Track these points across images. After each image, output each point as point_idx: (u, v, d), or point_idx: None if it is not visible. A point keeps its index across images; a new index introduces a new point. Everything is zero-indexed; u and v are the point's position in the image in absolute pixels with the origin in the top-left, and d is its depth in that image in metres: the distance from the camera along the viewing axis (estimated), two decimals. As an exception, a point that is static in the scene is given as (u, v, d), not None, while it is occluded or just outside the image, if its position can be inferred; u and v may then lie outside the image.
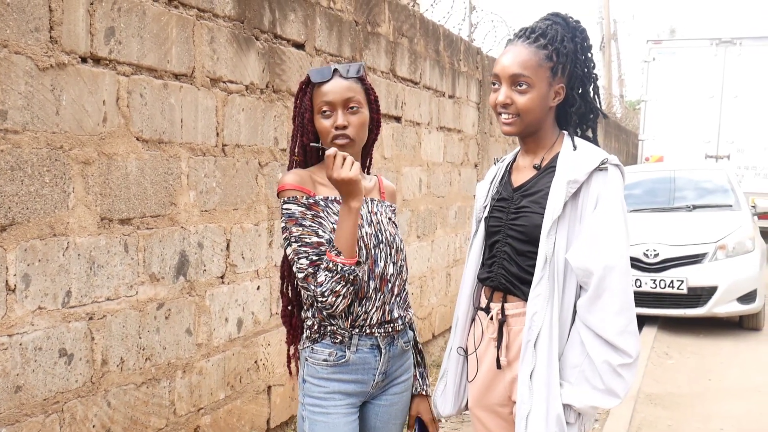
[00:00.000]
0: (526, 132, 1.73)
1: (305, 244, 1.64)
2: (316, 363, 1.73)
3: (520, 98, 1.67)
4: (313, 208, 1.68)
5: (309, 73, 1.76)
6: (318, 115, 1.73)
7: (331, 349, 1.71)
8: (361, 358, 1.73)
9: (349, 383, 1.73)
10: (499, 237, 1.76)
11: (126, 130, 2.31)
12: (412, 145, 4.63)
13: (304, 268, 1.63)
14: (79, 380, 2.15)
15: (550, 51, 1.67)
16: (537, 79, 1.66)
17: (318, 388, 1.72)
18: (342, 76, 1.74)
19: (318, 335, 1.73)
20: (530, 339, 1.61)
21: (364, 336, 1.72)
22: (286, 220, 1.67)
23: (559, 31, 1.69)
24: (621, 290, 1.58)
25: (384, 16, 4.18)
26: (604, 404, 1.58)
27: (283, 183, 1.70)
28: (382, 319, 1.74)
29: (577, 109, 1.74)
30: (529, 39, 1.69)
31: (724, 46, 10.75)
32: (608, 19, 24.65)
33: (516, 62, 1.67)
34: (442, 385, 1.89)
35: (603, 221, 1.60)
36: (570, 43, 1.69)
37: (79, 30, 2.13)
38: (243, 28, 2.88)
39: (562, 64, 1.68)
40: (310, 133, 1.75)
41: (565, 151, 1.70)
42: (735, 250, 6.30)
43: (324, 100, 1.71)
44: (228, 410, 2.84)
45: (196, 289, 2.64)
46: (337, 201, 1.72)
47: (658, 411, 4.30)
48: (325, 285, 1.61)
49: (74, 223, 2.12)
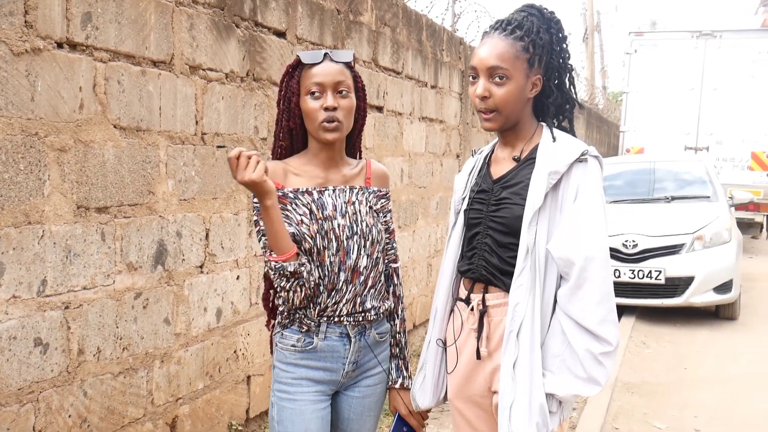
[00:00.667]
0: (506, 125, 1.74)
1: None
2: (285, 348, 1.73)
3: (498, 90, 1.68)
4: (281, 201, 1.66)
5: (299, 54, 1.73)
6: (306, 96, 1.70)
7: (299, 335, 1.72)
8: (330, 345, 1.72)
9: (317, 370, 1.73)
10: (480, 229, 1.76)
11: (103, 118, 2.28)
12: (394, 135, 4.62)
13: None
14: (55, 370, 2.13)
15: (526, 42, 1.67)
16: (514, 70, 1.67)
17: (286, 374, 1.72)
18: (333, 60, 1.73)
19: (288, 321, 1.73)
20: (513, 329, 1.62)
21: (333, 324, 1.72)
22: (256, 213, 1.68)
23: (534, 22, 1.69)
24: (601, 280, 1.59)
25: (366, 4, 4.15)
26: (586, 392, 1.60)
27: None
28: (353, 310, 1.73)
29: (554, 100, 1.75)
30: (506, 31, 1.69)
31: (705, 38, 10.83)
32: (592, 11, 24.75)
33: (493, 54, 1.68)
34: (420, 377, 1.89)
35: (583, 212, 1.62)
36: (546, 34, 1.70)
37: (55, 15, 2.09)
38: (223, 15, 2.84)
39: (538, 56, 1.69)
40: (297, 116, 1.73)
41: (545, 143, 1.71)
42: (712, 240, 6.39)
43: (314, 81, 1.69)
44: (206, 400, 2.83)
45: (174, 278, 2.63)
46: (308, 192, 1.72)
47: (635, 399, 4.36)
48: (275, 282, 1.64)
49: (50, 211, 2.09)
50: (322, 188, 1.74)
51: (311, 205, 1.70)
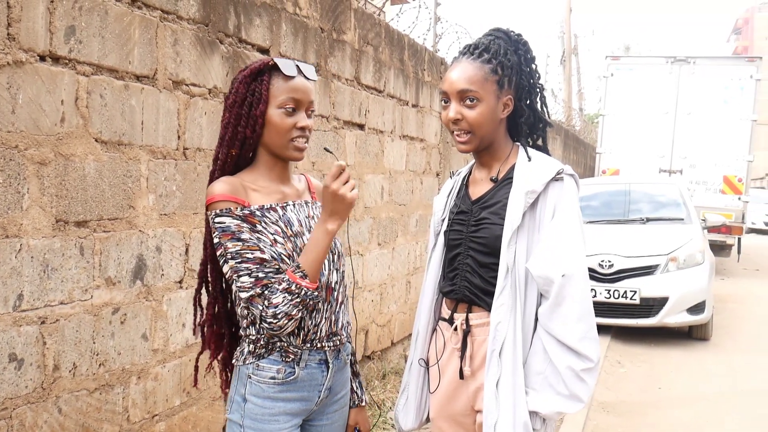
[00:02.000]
0: (481, 146, 1.77)
1: (245, 260, 1.51)
2: (262, 381, 1.59)
3: (470, 113, 1.70)
4: (249, 220, 1.54)
5: (277, 61, 1.60)
6: (278, 110, 1.58)
7: (279, 366, 1.59)
8: (310, 374, 1.63)
9: (294, 402, 1.62)
10: (461, 250, 1.78)
11: (84, 131, 2.27)
12: (375, 152, 4.65)
13: (247, 287, 1.51)
14: (30, 386, 2.10)
15: (494, 65, 1.71)
16: (484, 92, 1.70)
17: (262, 410, 1.58)
18: (305, 76, 1.64)
19: (264, 350, 1.60)
20: (495, 348, 1.64)
21: (314, 351, 1.63)
22: (219, 234, 1.53)
23: (501, 45, 1.73)
24: (581, 297, 1.62)
25: (350, 23, 4.20)
26: (569, 409, 1.62)
27: (213, 194, 1.55)
28: (329, 331, 1.66)
29: (527, 119, 1.78)
30: (473, 54, 1.73)
31: (679, 64, 11.09)
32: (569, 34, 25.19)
33: (462, 78, 1.71)
34: (403, 398, 1.89)
35: (561, 230, 1.65)
36: (513, 55, 1.74)
37: (38, 28, 2.08)
38: (207, 32, 2.86)
39: (507, 77, 1.72)
40: (259, 126, 1.58)
41: (521, 163, 1.74)
42: (686, 262, 6.50)
43: (292, 97, 1.59)
44: (183, 417, 2.80)
45: (153, 293, 2.60)
46: (273, 209, 1.60)
47: (611, 419, 4.40)
48: (281, 307, 1.50)
49: (28, 225, 2.07)
50: (284, 204, 1.64)
51: (279, 223, 1.59)
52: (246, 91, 1.60)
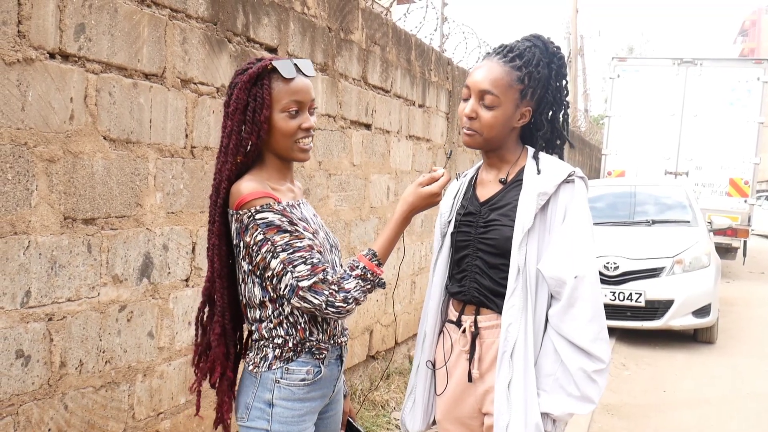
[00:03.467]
0: (486, 147, 1.77)
1: (297, 249, 1.50)
2: (293, 384, 1.58)
3: (485, 114, 1.70)
4: (285, 215, 1.54)
5: (275, 64, 1.57)
6: (282, 114, 1.57)
7: (309, 366, 1.60)
8: (330, 370, 1.66)
9: (317, 400, 1.64)
10: (469, 251, 1.78)
11: (93, 129, 2.27)
12: (382, 152, 4.65)
13: (306, 274, 1.49)
14: (36, 382, 2.10)
15: (523, 73, 1.69)
16: (505, 98, 1.69)
17: (291, 412, 1.58)
18: (304, 74, 1.62)
19: (293, 353, 1.59)
20: (506, 350, 1.63)
21: (334, 347, 1.67)
22: (264, 230, 1.51)
23: (536, 54, 1.71)
24: (592, 298, 1.62)
25: (357, 23, 4.20)
26: (580, 410, 1.62)
27: (248, 192, 1.53)
28: (342, 325, 1.70)
29: (544, 134, 1.77)
30: (506, 57, 1.71)
31: (686, 66, 11.05)
32: (575, 35, 25.14)
33: (487, 78, 1.70)
34: (410, 401, 1.89)
35: (573, 232, 1.64)
36: (545, 68, 1.72)
37: (48, 25, 2.09)
38: (216, 30, 2.86)
39: (532, 88, 1.70)
40: (264, 131, 1.57)
41: (531, 165, 1.74)
42: (691, 265, 6.48)
43: (294, 99, 1.57)
44: (188, 415, 2.80)
45: (159, 291, 2.61)
46: (294, 206, 1.61)
47: (615, 421, 4.39)
48: (353, 292, 1.51)
49: (36, 222, 2.07)
50: (298, 202, 1.65)
51: (303, 220, 1.61)
52: (247, 96, 1.56)
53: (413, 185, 1.69)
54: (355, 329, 4.34)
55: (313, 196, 3.75)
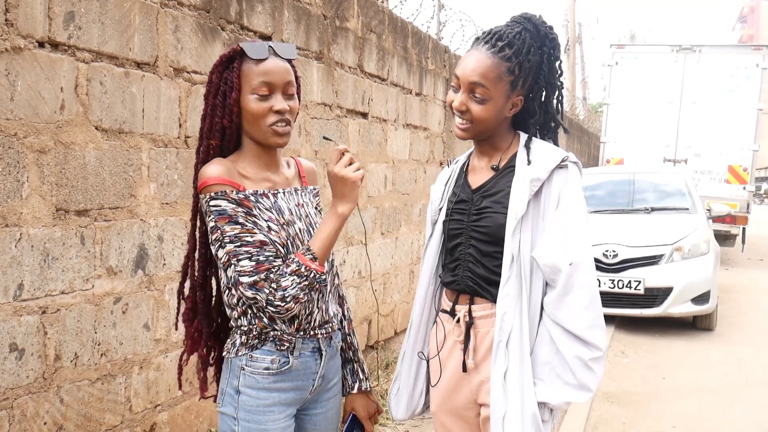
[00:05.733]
0: (478, 138, 1.73)
1: (245, 243, 1.47)
2: (256, 372, 1.56)
3: (476, 107, 1.65)
4: (245, 204, 1.50)
5: (243, 46, 1.55)
6: (251, 96, 1.53)
7: (273, 356, 1.56)
8: (303, 362, 1.61)
9: (289, 392, 1.59)
10: (462, 239, 1.74)
11: (84, 119, 2.24)
12: (378, 141, 4.61)
13: (248, 271, 1.47)
14: (31, 376, 2.08)
15: (513, 64, 1.63)
16: (495, 92, 1.64)
17: (256, 401, 1.55)
18: (279, 56, 1.57)
19: (257, 341, 1.56)
20: (501, 339, 1.61)
21: (307, 339, 1.61)
22: (215, 218, 1.49)
23: (527, 40, 1.65)
24: (588, 285, 1.59)
25: (353, 11, 4.15)
26: (578, 399, 1.60)
27: (208, 176, 1.50)
28: (322, 319, 1.64)
29: (537, 120, 1.72)
30: (495, 47, 1.64)
31: (684, 52, 10.98)
32: (573, 22, 25.03)
33: (477, 71, 1.64)
34: (395, 387, 1.87)
35: (567, 218, 1.62)
36: (536, 55, 1.66)
37: (37, 13, 2.05)
38: (209, 18, 2.82)
39: (523, 78, 1.65)
40: (235, 114, 1.55)
41: (523, 152, 1.70)
42: (690, 252, 6.46)
43: (263, 81, 1.53)
44: (186, 407, 2.79)
45: (155, 283, 2.58)
46: (265, 195, 1.57)
47: (614, 409, 4.38)
48: (290, 290, 1.48)
49: (28, 214, 2.05)
50: (275, 191, 1.60)
51: (272, 210, 1.56)
52: (219, 80, 1.56)
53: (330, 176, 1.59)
54: (353, 319, 4.32)
55: (310, 185, 3.73)
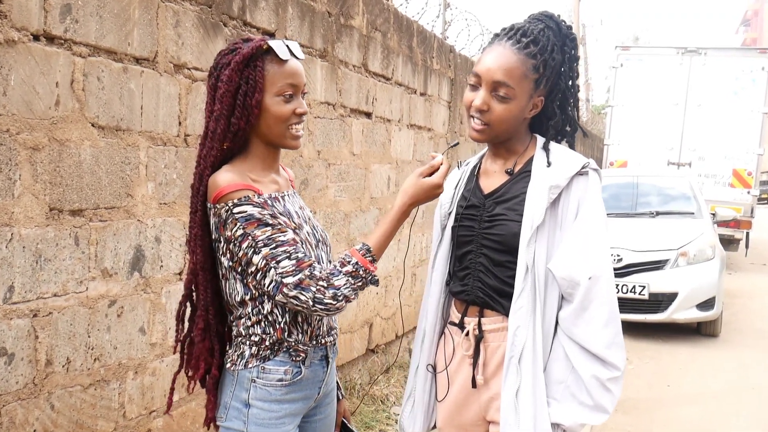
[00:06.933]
0: (495, 140, 1.65)
1: (281, 243, 1.41)
2: (269, 384, 1.51)
3: (498, 108, 1.56)
4: (266, 208, 1.45)
5: (271, 44, 1.47)
6: (277, 98, 1.48)
7: (287, 366, 1.52)
8: (313, 371, 1.57)
9: (298, 402, 1.56)
10: (472, 247, 1.66)
11: (80, 115, 2.16)
12: (382, 142, 4.54)
13: (291, 270, 1.40)
14: (20, 381, 2.01)
15: (538, 61, 1.55)
16: (520, 90, 1.55)
17: (268, 414, 1.50)
18: (295, 56, 1.52)
19: (270, 352, 1.51)
20: (513, 355, 1.52)
21: (317, 347, 1.57)
22: (243, 225, 1.42)
23: (551, 38, 1.57)
24: (608, 301, 1.51)
25: (358, 8, 4.07)
26: (593, 421, 1.51)
27: (226, 183, 1.44)
28: (329, 325, 1.60)
29: (555, 123, 1.65)
30: (519, 43, 1.56)
31: (690, 55, 10.90)
32: (578, 24, 24.92)
33: (502, 68, 1.55)
34: (410, 404, 1.78)
35: (587, 229, 1.53)
36: (559, 53, 1.58)
37: (32, 5, 1.97)
38: (211, 13, 2.74)
39: (547, 77, 1.57)
40: (254, 116, 1.48)
41: (540, 156, 1.62)
42: (696, 257, 6.39)
43: (289, 82, 1.48)
44: (182, 413, 2.71)
45: (151, 285, 2.51)
46: (276, 199, 1.51)
47: (619, 416, 4.31)
48: (342, 290, 1.43)
49: (20, 213, 1.97)
50: (282, 194, 1.56)
51: (284, 214, 1.51)
52: (239, 78, 1.47)
53: (413, 176, 1.59)
54: (354, 322, 4.25)
55: (312, 186, 3.65)
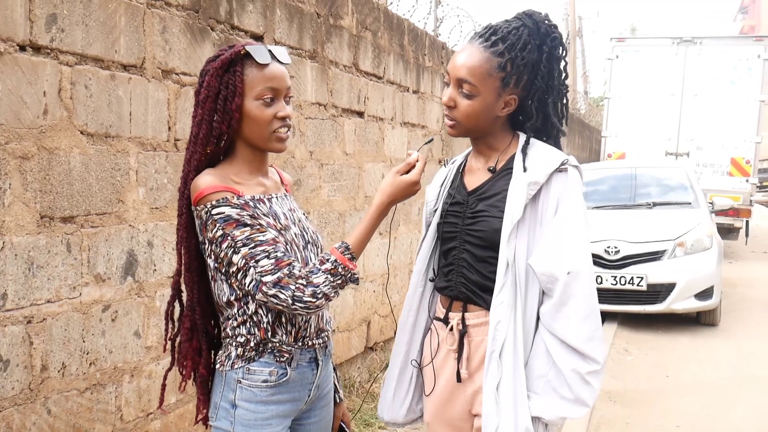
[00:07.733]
0: (469, 135, 1.68)
1: (259, 243, 1.44)
2: (254, 385, 1.52)
3: (463, 104, 1.60)
4: (246, 209, 1.47)
5: (250, 50, 1.50)
6: (256, 101, 1.50)
7: (272, 368, 1.53)
8: (301, 373, 1.58)
9: (286, 404, 1.57)
10: (456, 243, 1.69)
11: (69, 124, 2.18)
12: (375, 140, 4.56)
13: (270, 269, 1.43)
14: (16, 387, 2.03)
15: (504, 60, 1.57)
16: (483, 87, 1.58)
17: (254, 415, 1.52)
18: (279, 60, 1.55)
19: (255, 353, 1.53)
20: (494, 349, 1.55)
21: (305, 349, 1.58)
22: (222, 226, 1.44)
23: (523, 37, 1.57)
24: (587, 295, 1.53)
25: (347, 8, 4.09)
26: (573, 414, 1.54)
27: (205, 186, 1.46)
28: (317, 327, 1.61)
29: (533, 124, 1.64)
30: (487, 42, 1.58)
31: (685, 45, 10.89)
32: (574, 16, 24.89)
33: (466, 65, 1.59)
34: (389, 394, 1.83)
35: (566, 225, 1.55)
36: (533, 52, 1.58)
37: (17, 16, 2.00)
38: (198, 18, 2.76)
39: (516, 75, 1.58)
40: (236, 120, 1.50)
41: (521, 153, 1.64)
42: (693, 247, 6.40)
43: (269, 86, 1.50)
44: (179, 415, 2.74)
45: (145, 289, 2.53)
46: (261, 200, 1.54)
47: (617, 408, 4.33)
48: (322, 287, 1.45)
49: (11, 222, 2.00)
50: (269, 196, 1.58)
51: (269, 215, 1.53)
52: (219, 84, 1.50)
53: (390, 174, 1.61)
54: (352, 320, 4.27)
55: (305, 186, 3.67)
